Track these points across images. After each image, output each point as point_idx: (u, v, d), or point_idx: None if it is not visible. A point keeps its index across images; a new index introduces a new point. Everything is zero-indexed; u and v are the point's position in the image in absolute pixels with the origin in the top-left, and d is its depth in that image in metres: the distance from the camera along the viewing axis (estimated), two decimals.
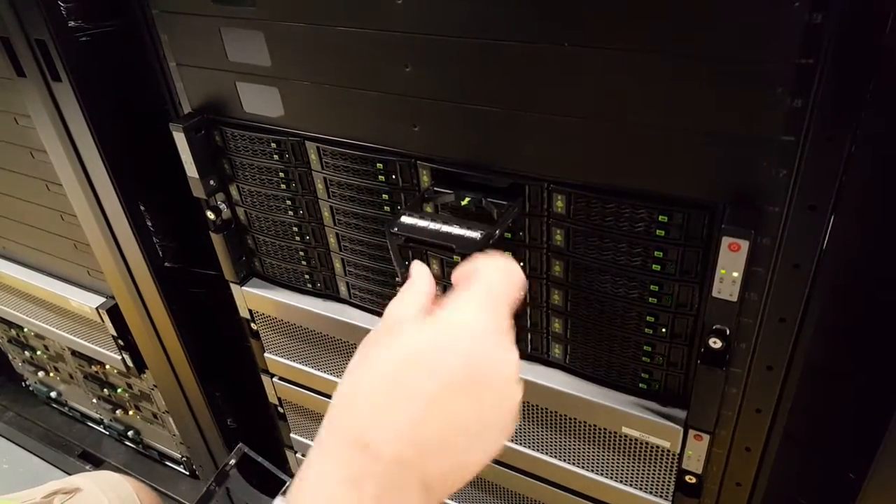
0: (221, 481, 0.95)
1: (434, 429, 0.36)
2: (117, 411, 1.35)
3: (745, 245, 0.50)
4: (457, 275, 0.45)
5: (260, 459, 0.98)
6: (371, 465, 0.35)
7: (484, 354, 0.39)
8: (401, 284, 0.46)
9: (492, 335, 0.40)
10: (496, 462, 0.80)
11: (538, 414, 0.73)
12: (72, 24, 0.75)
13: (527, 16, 0.51)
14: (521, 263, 0.64)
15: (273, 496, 1.00)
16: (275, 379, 0.97)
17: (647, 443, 0.66)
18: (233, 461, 0.97)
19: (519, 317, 0.63)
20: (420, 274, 0.45)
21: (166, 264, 0.95)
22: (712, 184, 0.51)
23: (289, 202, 0.77)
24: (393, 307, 0.43)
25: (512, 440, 0.77)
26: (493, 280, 0.43)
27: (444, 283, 0.67)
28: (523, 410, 0.74)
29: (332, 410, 0.38)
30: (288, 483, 1.01)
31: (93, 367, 1.29)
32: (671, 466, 0.67)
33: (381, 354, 0.39)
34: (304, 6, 0.61)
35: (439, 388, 0.37)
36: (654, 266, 0.57)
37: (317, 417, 0.98)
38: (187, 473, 1.35)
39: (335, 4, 0.59)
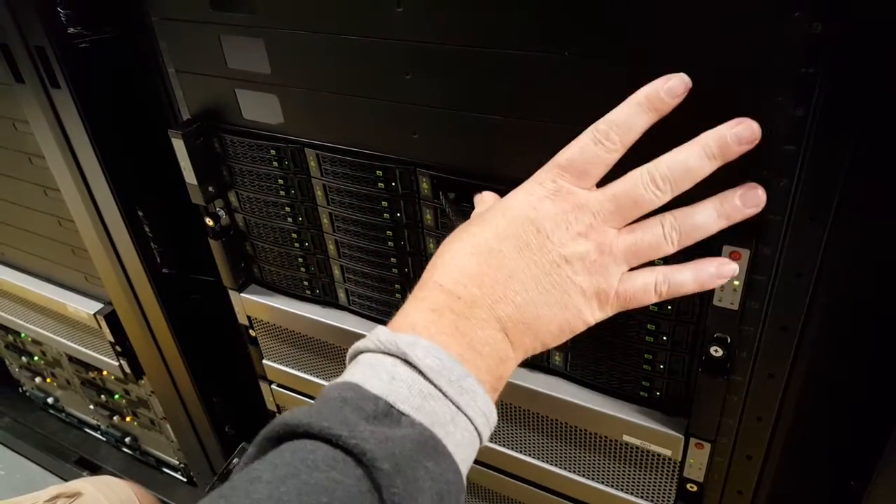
0: (225, 480, 0.95)
1: (498, 278, 0.44)
2: (114, 417, 1.34)
3: (746, 254, 0.50)
4: None
5: None
6: (449, 300, 0.43)
7: (540, 218, 0.45)
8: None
9: (551, 203, 0.46)
10: (496, 469, 0.80)
11: (538, 422, 0.73)
12: (71, 30, 0.75)
13: (527, 24, 0.51)
14: None
15: None
16: (273, 386, 0.97)
17: (648, 451, 0.66)
18: (235, 460, 0.96)
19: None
20: (487, 194, 0.58)
21: (164, 270, 0.94)
22: (713, 192, 0.51)
23: (288, 209, 0.76)
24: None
25: (512, 448, 0.77)
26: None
27: None
28: (522, 418, 0.73)
29: (424, 275, 0.47)
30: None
31: (90, 372, 1.29)
32: (672, 475, 0.67)
33: (460, 229, 0.49)
34: (304, 13, 0.61)
35: (501, 244, 0.45)
36: None
37: None
38: (185, 480, 1.35)
39: (335, 12, 0.59)
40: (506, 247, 0.45)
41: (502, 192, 0.60)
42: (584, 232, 0.45)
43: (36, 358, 1.39)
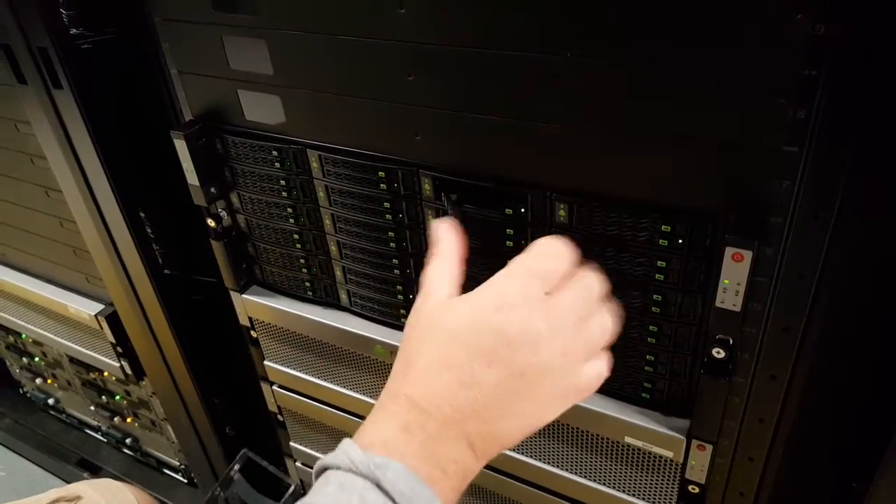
0: (227, 486, 0.94)
1: (469, 396, 0.43)
2: (115, 418, 1.34)
3: (748, 255, 0.50)
4: None
5: (264, 464, 0.97)
6: (420, 418, 0.42)
7: (510, 332, 0.44)
8: None
9: (522, 311, 0.45)
10: (497, 471, 0.80)
11: None
12: (73, 31, 0.75)
13: (528, 25, 0.51)
14: None
15: (278, 500, 0.99)
16: (274, 387, 0.97)
17: (650, 453, 0.66)
18: (237, 466, 0.96)
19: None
20: (444, 238, 0.52)
21: (166, 271, 0.94)
22: (715, 194, 0.51)
23: (290, 210, 0.76)
24: (428, 278, 0.50)
25: (514, 450, 0.77)
26: (526, 256, 0.48)
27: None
28: None
29: (392, 376, 0.47)
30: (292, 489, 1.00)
31: (91, 374, 1.29)
32: (674, 476, 0.67)
33: (426, 333, 0.47)
34: (307, 15, 0.61)
35: (472, 362, 0.44)
36: (656, 276, 0.57)
37: (317, 426, 0.98)
38: (186, 481, 1.35)
39: (338, 13, 0.59)
40: (476, 364, 0.44)
41: (504, 193, 0.60)
42: (550, 340, 0.45)
43: (37, 359, 1.39)
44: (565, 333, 0.45)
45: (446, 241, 0.51)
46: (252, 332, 0.92)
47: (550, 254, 0.48)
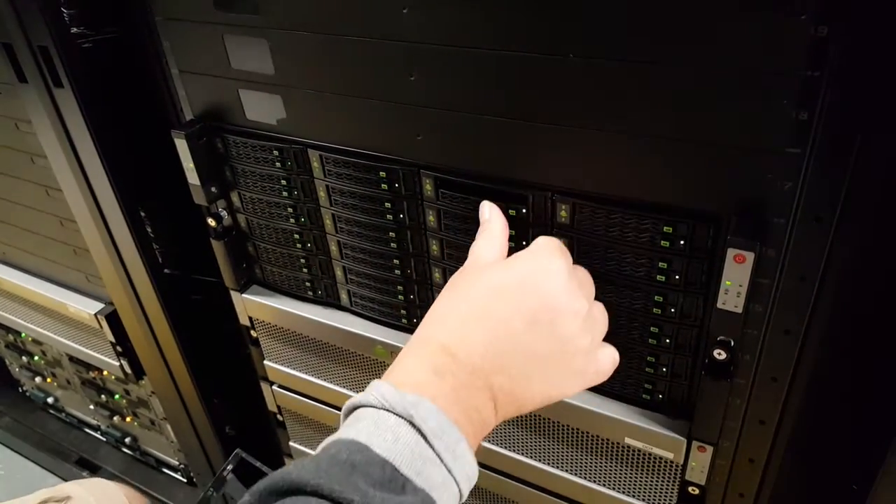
0: (219, 487, 0.94)
1: (502, 350, 0.45)
2: (115, 417, 1.34)
3: (750, 257, 0.50)
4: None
5: (258, 464, 0.97)
6: (451, 364, 0.44)
7: (555, 297, 0.47)
8: None
9: (566, 281, 0.48)
10: (498, 471, 0.80)
11: (540, 424, 0.72)
12: (74, 30, 0.75)
13: (531, 26, 0.51)
14: None
15: None
16: (274, 387, 0.96)
17: (650, 454, 0.66)
18: (230, 467, 0.96)
19: None
20: (494, 217, 0.55)
21: (166, 271, 0.94)
22: (717, 195, 0.51)
23: (290, 209, 0.76)
24: (476, 249, 0.53)
25: (514, 451, 0.77)
26: (549, 240, 0.52)
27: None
28: (524, 421, 0.73)
29: (424, 324, 0.48)
30: None
31: (90, 372, 1.29)
32: (674, 478, 0.67)
33: (470, 286, 0.49)
34: (309, 14, 0.61)
35: (513, 318, 0.46)
36: (658, 277, 0.57)
37: (317, 426, 0.98)
38: (185, 481, 1.35)
39: (340, 13, 0.59)
40: (517, 321, 0.46)
41: (505, 193, 0.60)
42: (585, 317, 0.49)
43: (36, 358, 1.39)
44: (594, 315, 0.50)
45: (495, 219, 0.55)
46: (252, 332, 0.92)
47: (562, 246, 0.52)
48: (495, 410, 0.45)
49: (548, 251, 0.50)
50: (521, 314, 0.46)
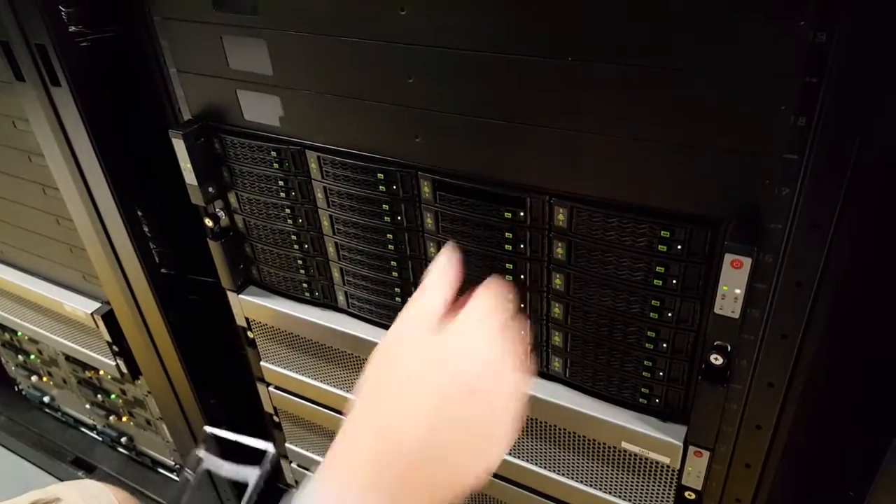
0: (194, 466, 0.93)
1: (443, 445, 0.40)
2: (110, 417, 1.34)
3: (747, 262, 0.50)
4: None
5: (228, 435, 0.95)
6: (392, 459, 0.39)
7: (484, 369, 0.42)
8: None
9: (494, 351, 0.43)
10: (496, 476, 0.80)
11: (537, 428, 0.72)
12: (72, 29, 0.75)
13: (530, 29, 0.51)
14: (522, 276, 0.64)
15: (258, 464, 0.96)
16: (270, 388, 0.96)
17: (646, 458, 0.66)
18: (202, 446, 0.95)
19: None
20: (433, 284, 0.48)
21: (163, 270, 0.94)
22: (715, 200, 0.51)
23: (288, 211, 0.76)
24: (406, 314, 0.47)
25: (511, 454, 0.77)
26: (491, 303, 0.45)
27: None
28: (523, 424, 0.73)
29: (357, 406, 0.43)
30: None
31: (86, 372, 1.28)
32: (671, 482, 0.67)
33: (399, 364, 0.44)
34: (308, 16, 0.61)
35: (440, 398, 0.41)
36: (655, 281, 0.57)
37: (312, 427, 0.97)
38: (180, 481, 1.34)
39: (338, 15, 0.59)
40: (452, 408, 0.41)
41: (503, 196, 0.60)
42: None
43: (32, 357, 1.38)
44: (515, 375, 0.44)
45: (432, 280, 0.47)
46: (249, 333, 0.91)
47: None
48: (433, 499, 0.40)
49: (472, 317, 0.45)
50: (446, 392, 0.41)
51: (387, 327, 0.78)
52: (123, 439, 1.37)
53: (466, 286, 0.48)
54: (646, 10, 0.46)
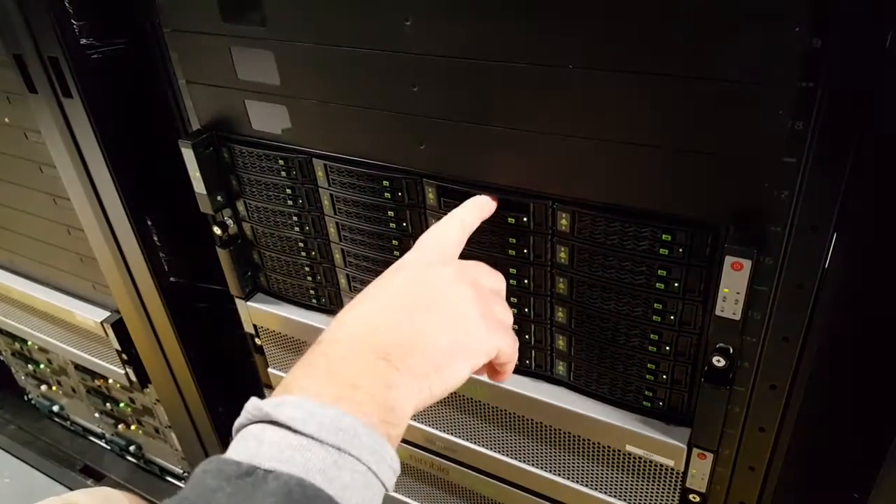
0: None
1: (371, 312, 0.48)
2: (119, 426, 1.35)
3: (747, 265, 0.50)
4: None
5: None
6: (322, 348, 0.45)
7: (420, 266, 0.53)
8: None
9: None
10: (499, 479, 0.80)
11: (541, 431, 0.73)
12: (83, 41, 0.76)
13: (531, 38, 0.52)
14: (525, 280, 0.65)
15: None
16: None
17: (650, 461, 0.66)
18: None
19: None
20: (458, 214, 0.59)
21: (172, 279, 0.95)
22: (715, 204, 0.52)
23: (295, 218, 0.77)
24: (423, 238, 0.58)
25: (514, 457, 0.77)
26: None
27: None
28: (526, 428, 0.74)
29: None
30: None
31: (96, 381, 1.29)
32: (675, 485, 0.67)
33: (384, 280, 0.53)
34: (314, 27, 0.62)
35: (374, 290, 0.51)
36: (657, 284, 0.57)
37: None
38: None
39: (344, 26, 0.60)
40: (391, 288, 0.51)
41: (506, 202, 0.61)
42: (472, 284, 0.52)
43: (42, 366, 1.39)
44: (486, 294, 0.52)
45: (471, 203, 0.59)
46: (256, 340, 0.92)
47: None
48: (395, 367, 0.43)
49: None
50: (394, 284, 0.51)
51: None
52: (132, 448, 1.38)
53: None
54: (645, 18, 0.47)
